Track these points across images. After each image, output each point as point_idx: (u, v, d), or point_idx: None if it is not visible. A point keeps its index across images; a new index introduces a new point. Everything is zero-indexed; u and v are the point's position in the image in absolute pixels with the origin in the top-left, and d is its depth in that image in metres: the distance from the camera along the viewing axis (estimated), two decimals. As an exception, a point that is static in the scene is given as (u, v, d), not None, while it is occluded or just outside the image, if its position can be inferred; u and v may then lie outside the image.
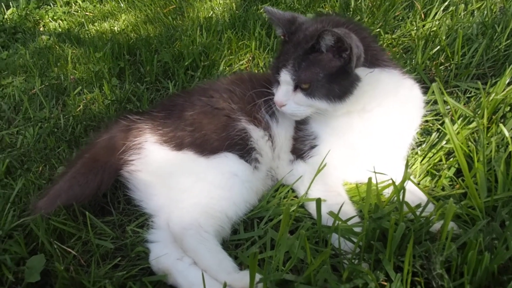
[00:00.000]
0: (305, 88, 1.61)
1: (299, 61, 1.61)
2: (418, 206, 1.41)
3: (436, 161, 1.84)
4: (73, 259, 1.54)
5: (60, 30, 4.90)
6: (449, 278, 1.22)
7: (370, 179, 1.40)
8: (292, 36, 1.68)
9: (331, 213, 1.40)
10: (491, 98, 1.92)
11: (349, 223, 1.44)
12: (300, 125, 1.80)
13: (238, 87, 1.88)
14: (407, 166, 1.48)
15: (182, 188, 1.67)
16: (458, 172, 1.76)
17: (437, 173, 1.79)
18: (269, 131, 1.83)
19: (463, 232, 1.39)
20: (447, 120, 1.68)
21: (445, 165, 1.79)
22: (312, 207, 1.67)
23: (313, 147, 1.76)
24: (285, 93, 1.66)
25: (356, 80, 1.60)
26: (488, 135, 1.82)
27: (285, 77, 1.64)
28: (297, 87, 1.64)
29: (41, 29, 5.21)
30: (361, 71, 1.60)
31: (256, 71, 2.86)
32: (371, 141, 1.70)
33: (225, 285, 1.22)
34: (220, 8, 4.01)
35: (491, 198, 1.49)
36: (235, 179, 1.68)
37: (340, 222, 1.40)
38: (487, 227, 1.35)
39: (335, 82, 1.59)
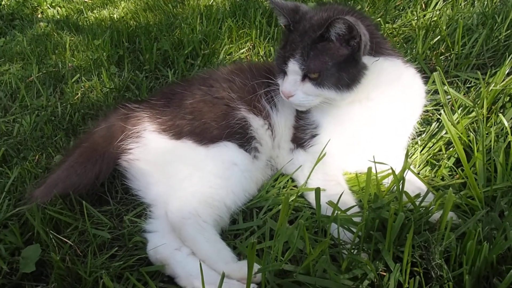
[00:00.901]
0: (314, 78, 1.59)
1: (308, 50, 1.58)
2: (418, 196, 1.40)
3: (435, 151, 1.84)
4: (69, 249, 1.52)
5: (58, 17, 4.88)
6: (448, 268, 1.22)
7: (369, 168, 1.40)
8: (297, 26, 1.65)
9: (330, 203, 1.39)
10: (490, 88, 1.91)
11: (349, 213, 1.43)
12: (301, 114, 1.78)
13: (238, 77, 1.86)
14: (407, 155, 1.47)
15: (181, 177, 1.65)
16: (458, 162, 1.75)
17: (437, 163, 1.78)
18: (269, 120, 1.82)
19: (462, 222, 1.39)
20: (446, 111, 1.68)
21: (445, 155, 1.79)
22: (311, 197, 1.66)
23: (314, 136, 1.75)
24: (293, 83, 1.63)
25: (363, 69, 1.59)
26: (488, 125, 1.81)
27: (293, 67, 1.60)
28: (305, 76, 1.61)
29: (39, 15, 5.18)
30: (367, 60, 1.59)
31: (256, 60, 2.83)
32: (373, 130, 1.69)
33: (223, 275, 1.21)
34: (221, -4, 3.98)
35: (490, 188, 1.48)
36: (234, 169, 1.67)
37: (339, 212, 1.39)
38: (486, 217, 1.34)
39: (343, 70, 1.57)
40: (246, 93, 1.82)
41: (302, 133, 1.77)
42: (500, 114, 1.76)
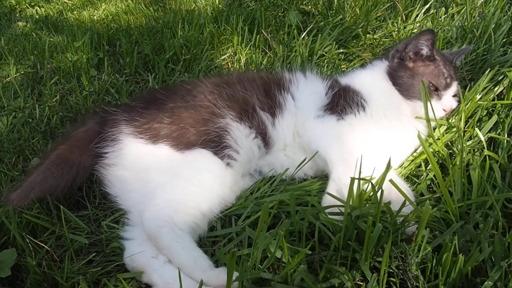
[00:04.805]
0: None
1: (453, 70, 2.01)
2: (389, 203, 1.39)
3: (416, 165, 1.86)
4: (46, 254, 1.51)
5: (37, 17, 4.81)
6: (424, 279, 1.24)
7: (352, 179, 1.39)
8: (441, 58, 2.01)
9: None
10: (468, 102, 1.94)
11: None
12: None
13: (225, 90, 1.87)
14: (389, 164, 1.48)
15: (156, 184, 1.64)
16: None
17: (417, 180, 1.80)
18: (262, 128, 1.83)
19: (439, 234, 1.40)
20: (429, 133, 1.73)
21: (424, 172, 1.80)
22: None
23: (360, 105, 1.89)
24: (451, 97, 1.98)
25: None
26: (465, 139, 1.84)
27: (456, 86, 1.99)
28: None
29: (17, 15, 5.10)
30: None
31: (237, 67, 2.84)
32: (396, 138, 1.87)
33: (201, 283, 1.21)
34: (203, 1, 3.97)
35: (463, 203, 1.50)
36: (208, 175, 1.67)
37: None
38: (461, 229, 1.36)
39: None
40: (234, 103, 1.83)
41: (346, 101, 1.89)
42: (476, 128, 1.80)
